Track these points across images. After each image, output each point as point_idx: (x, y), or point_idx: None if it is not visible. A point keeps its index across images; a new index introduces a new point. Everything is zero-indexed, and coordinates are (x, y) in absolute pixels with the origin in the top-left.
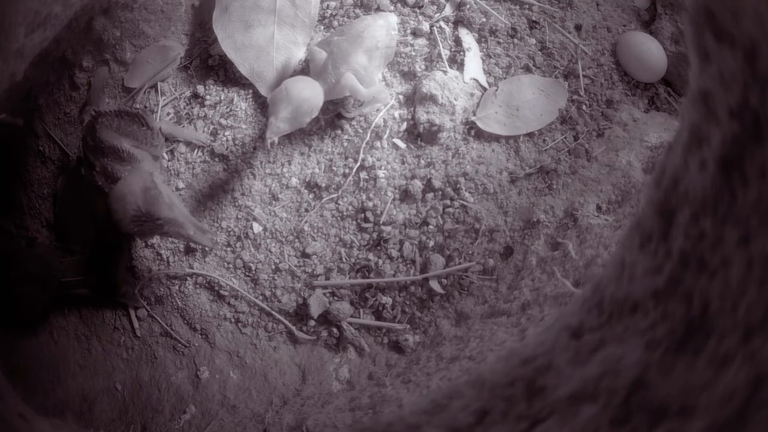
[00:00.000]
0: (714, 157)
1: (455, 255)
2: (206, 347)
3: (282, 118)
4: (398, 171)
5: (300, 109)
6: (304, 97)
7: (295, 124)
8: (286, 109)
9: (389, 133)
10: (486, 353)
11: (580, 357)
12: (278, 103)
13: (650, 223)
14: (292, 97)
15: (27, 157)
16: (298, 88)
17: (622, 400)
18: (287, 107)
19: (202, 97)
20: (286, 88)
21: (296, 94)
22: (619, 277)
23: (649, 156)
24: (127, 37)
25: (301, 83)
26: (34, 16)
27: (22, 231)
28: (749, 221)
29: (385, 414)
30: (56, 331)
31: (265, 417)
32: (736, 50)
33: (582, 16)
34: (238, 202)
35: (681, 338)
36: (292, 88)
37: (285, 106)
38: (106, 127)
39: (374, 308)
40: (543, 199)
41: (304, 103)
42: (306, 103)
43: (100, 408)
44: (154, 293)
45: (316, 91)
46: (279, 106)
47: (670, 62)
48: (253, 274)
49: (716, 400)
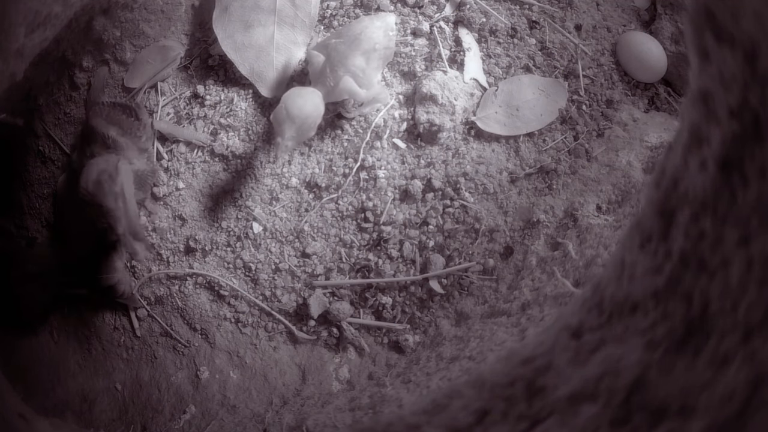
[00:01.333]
0: (714, 157)
1: (455, 255)
2: (206, 347)
3: (288, 137)
4: (398, 171)
5: (303, 126)
6: (306, 115)
7: (302, 138)
8: (290, 128)
9: (389, 133)
10: (486, 353)
11: (580, 357)
12: (281, 124)
13: (650, 223)
14: (293, 116)
15: (27, 157)
16: (298, 106)
17: (622, 400)
18: (291, 126)
19: (202, 97)
20: (286, 108)
21: (297, 113)
22: (619, 277)
23: (649, 156)
24: (127, 37)
25: (300, 99)
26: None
27: (22, 231)
28: (749, 221)
29: (385, 414)
30: (56, 331)
31: (265, 417)
32: (736, 50)
33: (582, 16)
34: (238, 202)
35: (681, 338)
36: (291, 107)
37: (289, 126)
38: (97, 115)
39: (374, 308)
40: (543, 199)
41: (306, 120)
42: (309, 119)
43: (100, 408)
44: (154, 293)
45: (315, 103)
46: (283, 126)
47: (670, 62)
48: (253, 274)
49: (716, 400)
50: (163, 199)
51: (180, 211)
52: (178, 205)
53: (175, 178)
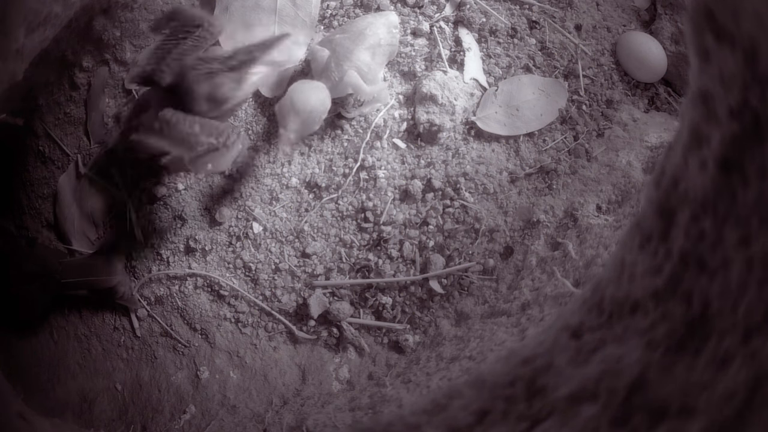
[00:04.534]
0: (714, 157)
1: (455, 255)
2: (206, 347)
3: (292, 129)
4: (398, 171)
5: (308, 119)
6: (311, 108)
7: (306, 131)
8: (294, 120)
9: (389, 133)
10: (486, 353)
11: (580, 357)
12: (286, 115)
13: (650, 223)
14: (299, 109)
15: (27, 157)
16: (303, 99)
17: (622, 400)
18: (295, 118)
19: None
20: (291, 100)
21: (302, 106)
22: (619, 277)
23: (649, 156)
24: (127, 37)
25: (306, 93)
26: (34, 16)
27: (22, 231)
28: (749, 221)
29: (385, 414)
30: (56, 331)
31: (265, 417)
32: (736, 50)
33: (582, 16)
34: (238, 202)
35: (681, 338)
36: (297, 99)
37: (293, 118)
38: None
39: (374, 308)
40: (543, 199)
41: (311, 114)
42: (313, 112)
43: (100, 408)
44: (154, 293)
45: (321, 96)
46: (287, 117)
47: (670, 62)
48: (253, 274)
49: (716, 400)
50: (163, 200)
51: (180, 211)
52: (178, 205)
53: (175, 179)
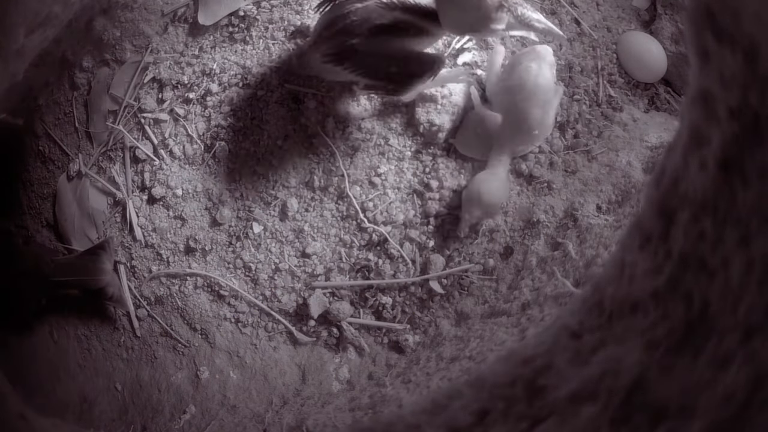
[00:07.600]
0: (714, 157)
1: (455, 255)
2: (206, 347)
3: (475, 216)
4: (398, 171)
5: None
6: (497, 201)
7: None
8: (478, 209)
9: (389, 133)
10: (486, 353)
11: (580, 357)
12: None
13: (650, 223)
14: (485, 203)
15: (27, 157)
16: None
17: (622, 400)
18: (479, 208)
19: (203, 97)
20: (479, 192)
21: (488, 199)
22: (619, 277)
23: (649, 156)
24: (127, 37)
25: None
26: (34, 16)
27: (22, 231)
28: (749, 221)
29: (385, 414)
30: (56, 331)
31: (265, 417)
32: (736, 50)
33: (582, 16)
34: (238, 203)
35: (681, 338)
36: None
37: (477, 208)
38: None
39: (374, 308)
40: (543, 199)
41: (494, 206)
42: (497, 205)
43: (100, 408)
44: (154, 293)
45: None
46: (472, 207)
47: (670, 62)
48: (253, 274)
49: (716, 400)
50: (163, 200)
51: (180, 211)
52: (178, 205)
53: (175, 178)
